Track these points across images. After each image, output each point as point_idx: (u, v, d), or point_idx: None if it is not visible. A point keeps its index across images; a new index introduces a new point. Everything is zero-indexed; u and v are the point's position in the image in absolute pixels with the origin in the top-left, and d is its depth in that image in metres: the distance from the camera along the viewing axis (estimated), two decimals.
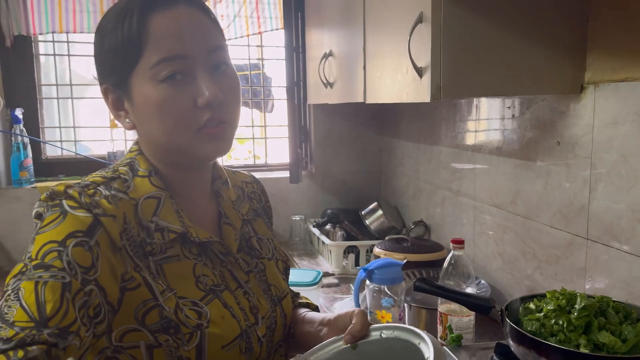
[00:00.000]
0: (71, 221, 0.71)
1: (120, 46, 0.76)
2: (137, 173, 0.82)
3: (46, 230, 0.70)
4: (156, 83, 0.76)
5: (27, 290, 0.63)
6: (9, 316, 0.61)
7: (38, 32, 2.24)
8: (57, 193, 0.74)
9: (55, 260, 0.67)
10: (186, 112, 0.77)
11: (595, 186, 1.17)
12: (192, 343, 0.76)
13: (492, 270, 1.60)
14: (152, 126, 0.79)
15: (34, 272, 0.65)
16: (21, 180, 2.20)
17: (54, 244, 0.68)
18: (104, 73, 0.82)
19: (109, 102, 0.83)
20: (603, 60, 1.14)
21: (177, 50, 0.76)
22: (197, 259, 0.82)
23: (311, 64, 2.22)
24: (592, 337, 0.86)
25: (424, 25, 1.13)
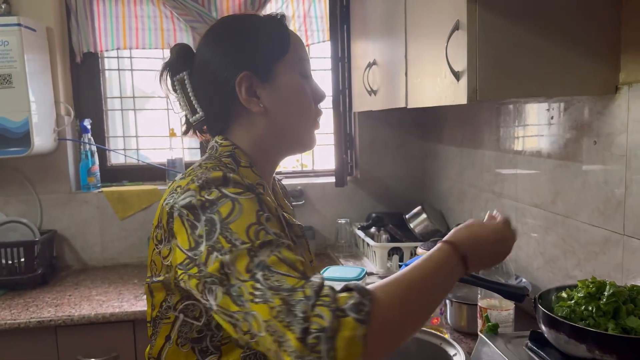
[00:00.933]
0: (247, 205, 0.79)
1: (269, 38, 0.94)
2: (240, 164, 0.93)
3: (235, 219, 0.77)
4: (297, 74, 0.96)
5: (274, 264, 0.72)
6: (284, 284, 0.70)
7: (104, 49, 2.44)
8: (212, 180, 0.81)
9: (267, 235, 0.76)
10: (311, 102, 0.98)
11: (631, 183, 1.20)
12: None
13: (533, 270, 1.63)
14: (290, 109, 0.96)
15: (264, 250, 0.74)
16: (89, 185, 2.39)
17: (255, 225, 0.77)
18: (246, 61, 0.93)
19: (243, 89, 0.93)
20: (636, 62, 1.18)
21: (306, 56, 0.99)
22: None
23: (356, 73, 2.31)
24: (621, 321, 0.91)
25: (460, 32, 1.20)
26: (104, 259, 2.41)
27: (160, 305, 0.90)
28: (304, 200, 2.52)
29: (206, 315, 0.86)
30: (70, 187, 2.38)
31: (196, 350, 0.88)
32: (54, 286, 2.12)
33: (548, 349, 1.01)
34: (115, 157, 2.60)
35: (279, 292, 0.69)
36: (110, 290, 2.05)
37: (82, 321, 1.79)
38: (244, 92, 0.93)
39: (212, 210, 0.78)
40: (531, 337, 1.06)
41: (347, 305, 0.67)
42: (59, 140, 2.32)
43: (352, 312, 0.66)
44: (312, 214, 2.54)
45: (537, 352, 1.03)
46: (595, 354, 0.88)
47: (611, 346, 0.86)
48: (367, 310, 0.66)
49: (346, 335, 0.64)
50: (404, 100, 1.66)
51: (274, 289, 0.69)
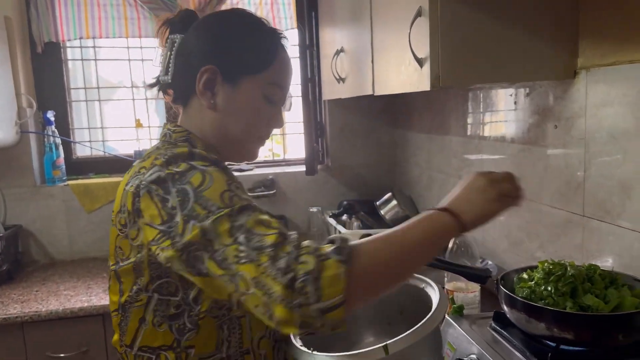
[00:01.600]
0: (217, 175, 0.82)
1: (255, 54, 0.94)
2: (196, 147, 0.93)
3: (207, 187, 0.80)
4: (262, 95, 0.95)
5: (255, 226, 0.76)
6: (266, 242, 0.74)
7: (66, 39, 2.38)
8: (178, 155, 0.84)
9: (240, 200, 0.79)
10: (262, 125, 0.99)
11: (590, 166, 1.23)
12: None
13: (500, 252, 1.67)
14: (237, 119, 0.96)
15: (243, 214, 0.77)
16: (54, 178, 2.34)
17: (228, 191, 0.80)
18: (219, 57, 0.94)
19: (203, 79, 0.94)
20: (593, 47, 1.21)
21: (284, 83, 0.99)
22: None
23: (324, 61, 2.30)
24: (578, 300, 0.93)
25: (423, 19, 1.21)
26: (72, 253, 2.37)
27: (130, 290, 0.89)
28: (276, 190, 2.52)
29: (182, 290, 0.86)
30: (35, 181, 2.32)
31: (173, 329, 0.88)
32: (20, 282, 2.07)
33: (511, 328, 1.04)
34: (81, 150, 2.55)
35: (262, 250, 0.73)
36: (78, 284, 2.02)
37: (50, 317, 1.77)
38: (202, 82, 0.94)
39: (183, 181, 0.81)
40: (495, 318, 1.09)
41: (329, 250, 0.72)
42: (21, 133, 2.26)
43: (334, 254, 0.71)
44: (284, 203, 2.54)
45: (500, 332, 1.05)
46: (554, 332, 0.91)
47: (568, 323, 0.89)
48: (348, 252, 0.72)
49: (330, 274, 0.70)
50: (371, 87, 1.67)
51: (258, 248, 0.73)
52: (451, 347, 1.09)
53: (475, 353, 1.01)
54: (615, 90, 1.14)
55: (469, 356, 1.01)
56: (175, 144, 0.93)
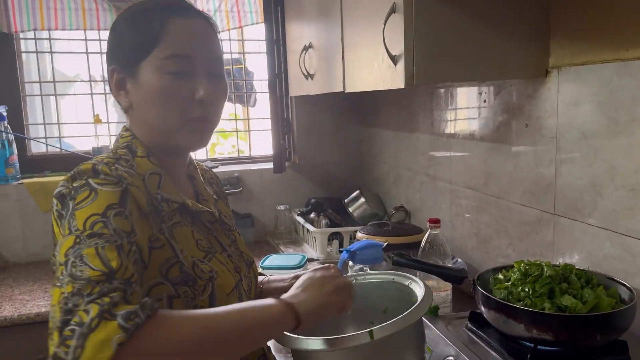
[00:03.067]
0: (104, 196, 0.78)
1: (139, 36, 0.89)
2: (136, 154, 0.91)
3: (84, 206, 0.76)
4: (162, 73, 0.88)
5: (89, 255, 0.70)
6: (84, 275, 0.68)
7: (19, 30, 2.26)
8: (82, 172, 0.80)
9: (103, 228, 0.74)
10: (181, 103, 0.90)
11: (560, 164, 1.25)
12: (205, 293, 0.87)
13: (468, 250, 1.68)
14: (150, 109, 0.91)
15: (89, 241, 0.72)
16: (7, 177, 2.22)
17: (97, 216, 0.75)
18: (115, 55, 0.93)
19: (113, 81, 0.93)
20: (564, 46, 1.22)
21: (186, 51, 0.90)
22: (192, 226, 0.94)
23: (292, 57, 2.27)
24: (556, 301, 0.93)
25: (397, 15, 1.19)
26: (27, 255, 2.25)
27: None
28: (242, 188, 2.47)
29: None
30: None
31: None
32: None
33: (487, 329, 1.04)
34: (36, 146, 2.43)
35: (75, 280, 0.67)
36: (35, 288, 1.93)
37: (4, 323, 1.66)
38: (113, 85, 0.93)
39: (72, 196, 0.78)
40: (471, 318, 1.08)
41: (120, 312, 0.64)
42: None
43: (120, 319, 0.63)
44: (251, 201, 2.49)
45: (477, 332, 1.05)
46: (533, 333, 0.90)
47: (547, 324, 0.89)
48: (137, 322, 0.64)
49: (101, 337, 0.61)
50: (342, 84, 1.64)
51: (73, 276, 0.68)
52: (428, 349, 1.07)
53: (453, 354, 1.00)
54: (586, 90, 1.15)
55: (447, 358, 1.00)
56: (115, 152, 0.91)
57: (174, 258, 0.86)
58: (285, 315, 0.78)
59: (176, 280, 0.85)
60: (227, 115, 2.73)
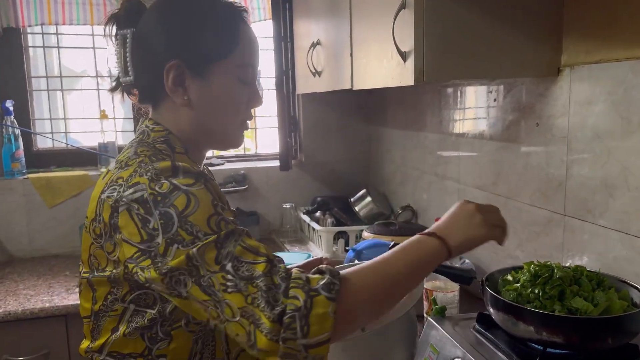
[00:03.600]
0: (202, 196, 0.79)
1: (214, 34, 0.89)
2: (175, 150, 0.90)
3: (193, 211, 0.77)
4: (235, 79, 0.91)
5: (241, 254, 0.75)
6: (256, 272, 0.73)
7: (27, 24, 2.26)
8: (161, 172, 0.80)
9: (228, 225, 0.77)
10: (243, 108, 0.95)
11: (572, 164, 1.22)
12: None
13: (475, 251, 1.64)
14: (214, 110, 0.92)
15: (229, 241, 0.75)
16: (13, 171, 2.22)
17: (215, 215, 0.77)
18: (179, 50, 0.88)
19: (170, 77, 0.88)
20: (578, 44, 1.19)
21: (255, 61, 0.95)
22: None
23: (299, 54, 2.25)
24: (566, 303, 0.91)
25: (407, 11, 1.17)
26: (32, 250, 2.25)
27: (104, 299, 0.86)
28: (247, 185, 2.45)
29: (161, 302, 0.83)
30: None
31: (145, 337, 0.85)
32: None
33: (495, 330, 1.02)
34: (42, 141, 2.43)
35: (251, 280, 0.72)
36: (39, 283, 1.92)
37: (7, 318, 1.67)
38: (171, 80, 0.89)
39: (166, 204, 0.77)
40: (478, 319, 1.06)
41: (319, 285, 0.72)
42: None
43: (323, 291, 0.71)
44: (256, 198, 2.48)
45: (485, 334, 1.03)
46: (543, 335, 0.88)
47: (558, 327, 0.87)
48: (337, 289, 0.72)
49: (319, 312, 0.70)
50: (350, 81, 1.62)
51: (246, 278, 0.73)
52: (434, 350, 1.06)
53: (460, 356, 0.98)
54: (600, 89, 1.13)
55: (454, 358, 0.98)
56: (153, 146, 0.88)
57: None
58: (440, 250, 0.84)
59: None
60: None
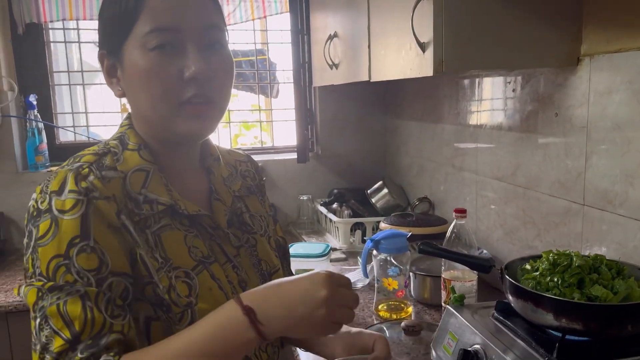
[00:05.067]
0: (64, 229, 0.72)
1: (117, 15, 0.79)
2: (127, 147, 0.83)
3: (45, 243, 0.72)
4: (146, 51, 0.78)
5: (53, 315, 0.70)
6: (50, 346, 0.69)
7: (49, 20, 2.30)
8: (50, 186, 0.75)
9: (66, 274, 0.71)
10: (171, 83, 0.78)
11: (591, 154, 1.22)
12: (184, 322, 0.78)
13: (493, 241, 1.66)
14: (139, 94, 0.81)
15: (51, 295, 0.70)
16: (37, 164, 2.27)
17: (59, 258, 0.72)
18: (101, 40, 0.85)
19: (104, 68, 0.85)
20: (598, 33, 1.19)
21: (169, 22, 0.78)
22: (188, 230, 0.84)
23: (316, 47, 2.26)
24: (586, 291, 0.92)
25: (426, 2, 1.18)
26: None
27: None
28: (265, 177, 2.47)
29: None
30: (17, 167, 2.25)
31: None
32: (2, 271, 2.01)
33: (514, 318, 1.02)
34: (64, 135, 2.47)
35: (43, 350, 0.70)
36: None
37: None
38: (105, 72, 0.85)
39: (35, 222, 0.74)
40: (497, 308, 1.07)
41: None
42: (2, 117, 2.19)
43: None
44: (274, 191, 2.51)
45: (504, 321, 1.04)
46: (562, 322, 0.89)
47: (577, 314, 0.88)
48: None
49: None
50: (367, 73, 1.63)
51: (41, 344, 0.70)
52: (453, 337, 1.07)
53: (480, 343, 0.99)
54: (620, 78, 1.12)
55: (473, 346, 0.99)
56: (107, 143, 0.85)
57: (147, 277, 0.78)
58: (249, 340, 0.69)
59: (152, 300, 0.78)
60: (250, 106, 2.75)
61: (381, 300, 1.49)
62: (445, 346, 1.09)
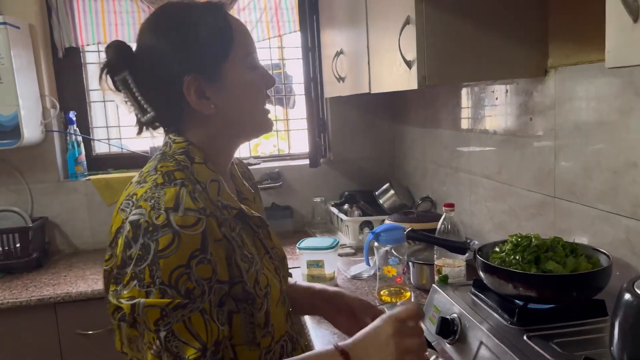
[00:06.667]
0: (187, 242, 0.79)
1: (212, 38, 0.91)
2: (194, 161, 0.92)
3: (168, 255, 0.78)
4: (248, 69, 0.96)
5: (180, 330, 0.79)
6: (182, 354, 0.78)
7: (85, 43, 2.56)
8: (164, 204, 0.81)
9: (187, 282, 0.79)
10: (264, 93, 1.00)
11: (559, 153, 1.41)
12: (262, 310, 0.92)
13: (485, 233, 1.84)
14: (241, 104, 0.96)
15: (176, 314, 0.78)
16: (77, 174, 2.53)
17: (182, 268, 0.79)
18: (191, 62, 0.90)
19: (192, 92, 0.90)
20: (560, 48, 1.38)
21: (253, 49, 0.98)
22: (244, 231, 0.96)
23: (326, 62, 2.48)
24: (541, 266, 1.11)
25: (411, 26, 1.38)
26: (94, 243, 2.55)
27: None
28: (282, 182, 2.70)
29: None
30: (59, 176, 2.51)
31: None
32: (48, 269, 2.26)
33: (487, 292, 1.21)
34: (99, 147, 2.73)
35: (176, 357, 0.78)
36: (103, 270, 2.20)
37: (79, 297, 1.95)
38: (193, 95, 0.91)
39: (152, 237, 0.79)
40: (474, 284, 1.26)
41: None
42: (46, 132, 2.45)
43: None
44: (290, 194, 2.72)
45: (479, 295, 1.23)
46: (520, 291, 1.08)
47: (532, 283, 1.06)
48: None
49: None
50: (368, 86, 1.84)
51: (172, 353, 0.78)
52: (436, 309, 1.26)
53: (457, 312, 1.18)
54: (578, 87, 1.31)
55: (451, 315, 1.19)
56: (173, 157, 0.91)
57: (238, 277, 0.88)
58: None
59: (238, 296, 0.88)
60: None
61: (383, 287, 1.68)
62: (430, 317, 1.28)
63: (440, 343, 1.20)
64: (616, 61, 0.68)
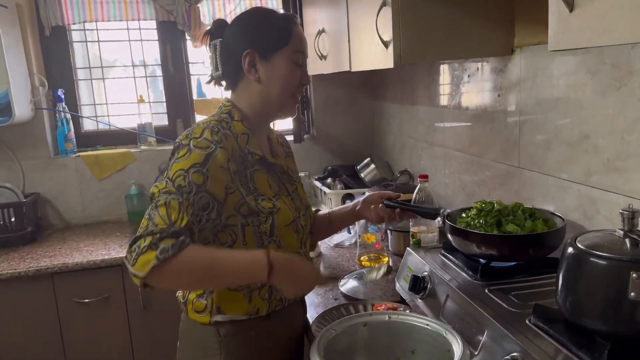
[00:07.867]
0: (194, 156, 1.11)
1: (274, 32, 1.25)
2: (234, 119, 1.25)
3: (179, 161, 1.11)
4: (291, 63, 1.26)
5: (160, 206, 1.07)
6: (154, 220, 1.05)
7: (71, 22, 2.61)
8: (192, 133, 1.15)
9: (181, 181, 1.09)
10: (295, 85, 1.28)
11: (523, 126, 1.53)
12: (267, 222, 1.22)
13: (458, 203, 1.97)
14: (275, 86, 1.26)
15: (164, 195, 1.07)
16: (66, 150, 2.60)
17: (182, 171, 1.10)
18: (252, 43, 1.24)
19: (246, 62, 1.24)
20: (525, 28, 1.49)
21: (304, 50, 1.29)
22: (268, 173, 1.28)
23: (308, 40, 2.54)
24: (502, 228, 1.23)
25: (387, 8, 1.47)
26: (85, 217, 2.64)
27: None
28: None
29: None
30: (49, 153, 2.58)
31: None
32: (42, 242, 2.35)
33: (455, 252, 1.34)
34: (88, 124, 2.79)
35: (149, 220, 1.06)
36: (96, 242, 2.30)
37: (75, 267, 2.05)
38: (247, 64, 1.25)
39: (177, 150, 1.14)
40: (444, 246, 1.39)
41: (162, 245, 1.02)
42: (35, 109, 2.51)
43: (158, 251, 1.01)
44: None
45: (447, 256, 1.35)
46: (482, 250, 1.20)
47: (492, 243, 1.19)
48: (166, 256, 1.01)
49: (144, 259, 1.01)
50: (348, 64, 1.93)
51: (150, 218, 1.06)
52: (410, 270, 1.39)
53: (427, 271, 1.31)
54: (540, 65, 1.42)
55: (422, 273, 1.31)
56: (219, 115, 1.25)
57: (241, 200, 1.19)
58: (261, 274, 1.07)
59: (245, 213, 1.19)
60: None
61: (363, 253, 1.81)
62: (404, 277, 1.41)
63: (413, 299, 1.33)
64: (557, 45, 0.80)
